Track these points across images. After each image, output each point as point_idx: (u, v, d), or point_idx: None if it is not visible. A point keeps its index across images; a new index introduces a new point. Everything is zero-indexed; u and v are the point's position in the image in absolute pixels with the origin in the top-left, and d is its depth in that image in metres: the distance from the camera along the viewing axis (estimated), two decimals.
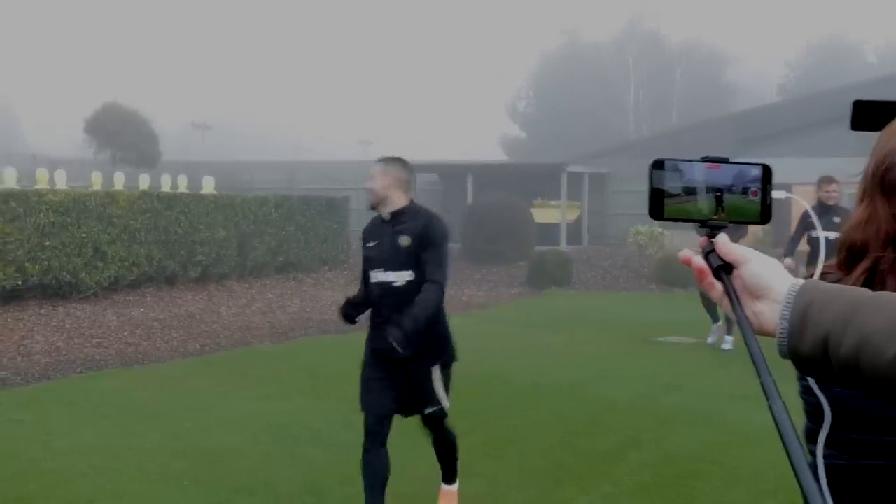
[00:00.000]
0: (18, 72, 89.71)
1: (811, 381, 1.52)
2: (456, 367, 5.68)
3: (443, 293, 5.38)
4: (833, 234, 9.62)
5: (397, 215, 5.42)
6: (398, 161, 5.58)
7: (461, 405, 9.19)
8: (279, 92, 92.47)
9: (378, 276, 5.43)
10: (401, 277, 5.34)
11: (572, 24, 61.28)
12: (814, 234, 10.60)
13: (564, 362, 11.85)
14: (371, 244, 5.53)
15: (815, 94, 34.81)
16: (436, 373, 5.46)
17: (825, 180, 10.82)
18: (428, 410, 5.48)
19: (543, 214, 28.93)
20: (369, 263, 5.52)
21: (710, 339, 13.05)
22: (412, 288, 5.31)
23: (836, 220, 10.23)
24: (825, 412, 1.51)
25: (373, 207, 5.57)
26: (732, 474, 6.82)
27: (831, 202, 10.73)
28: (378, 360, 5.46)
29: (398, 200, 5.45)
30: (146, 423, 8.35)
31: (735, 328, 12.20)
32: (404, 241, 5.30)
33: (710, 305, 12.53)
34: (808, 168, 28.50)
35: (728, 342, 12.56)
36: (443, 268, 5.35)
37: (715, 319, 12.97)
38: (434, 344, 5.47)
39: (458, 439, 5.97)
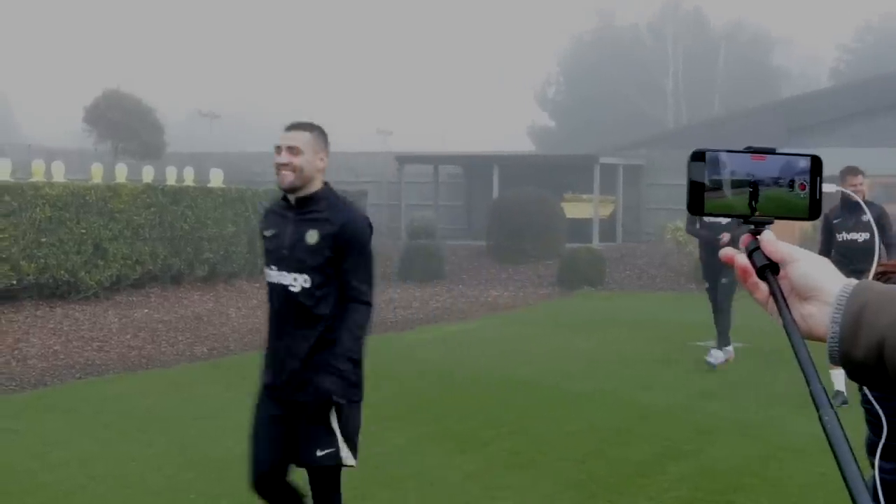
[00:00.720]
0: (12, 57, 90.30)
1: (867, 390, 1.51)
2: (480, 374, 5.61)
3: (371, 316, 4.51)
4: (863, 235, 9.29)
5: (307, 201, 4.55)
6: (320, 128, 4.69)
7: (487, 413, 9.22)
8: (291, 78, 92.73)
9: (272, 275, 4.57)
10: (298, 282, 4.44)
11: (606, 4, 61.04)
12: (840, 237, 9.65)
13: (597, 367, 11.83)
14: (270, 233, 4.71)
15: (870, 79, 34.59)
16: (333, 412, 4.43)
17: (850, 172, 9.90)
18: (319, 453, 4.45)
19: (575, 209, 28.85)
20: (267, 257, 4.69)
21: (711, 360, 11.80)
22: (310, 299, 4.41)
23: (865, 218, 9.24)
24: (882, 422, 1.50)
25: (290, 190, 4.57)
26: (778, 489, 6.79)
27: (857, 197, 9.81)
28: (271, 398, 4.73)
29: (317, 182, 4.59)
30: (150, 431, 8.40)
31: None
32: (311, 236, 4.42)
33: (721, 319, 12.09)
34: (861, 159, 28.34)
35: (715, 356, 11.75)
36: (370, 281, 4.52)
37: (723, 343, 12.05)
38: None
39: (484, 448, 5.95)
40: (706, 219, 10.58)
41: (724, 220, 10.56)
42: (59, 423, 8.77)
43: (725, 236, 10.96)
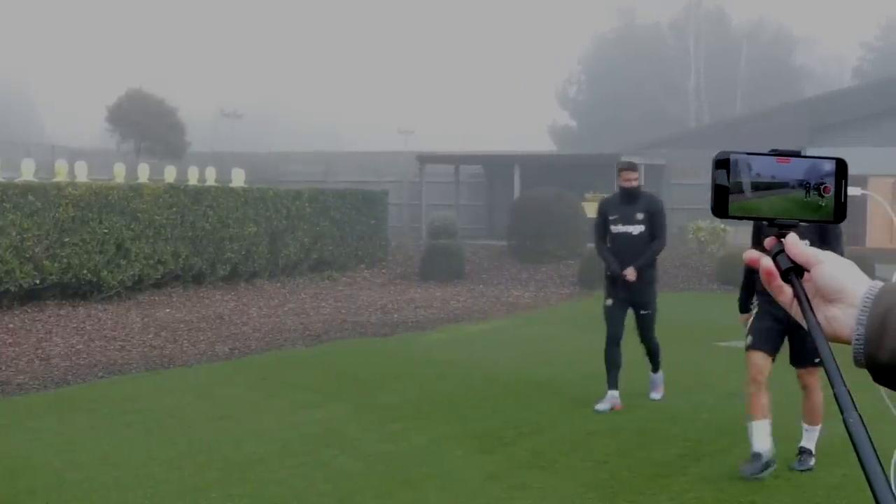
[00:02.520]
0: (35, 56, 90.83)
1: (883, 392, 1.50)
2: (501, 374, 5.59)
3: None
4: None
5: None
6: None
7: (508, 413, 9.22)
8: (313, 78, 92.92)
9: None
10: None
11: (628, 3, 60.88)
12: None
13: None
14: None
15: (893, 77, 34.40)
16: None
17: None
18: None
19: (596, 209, 28.77)
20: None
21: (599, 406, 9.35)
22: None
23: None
24: None
25: None
26: (802, 491, 6.76)
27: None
28: None
29: None
30: (172, 431, 8.44)
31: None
32: None
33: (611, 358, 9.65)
34: (885, 159, 28.21)
35: (658, 388, 9.99)
36: None
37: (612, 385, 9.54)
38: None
39: (505, 448, 5.97)
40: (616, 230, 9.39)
41: (634, 231, 9.31)
42: (83, 422, 8.81)
43: (630, 272, 9.24)
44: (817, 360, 6.52)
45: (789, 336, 7.15)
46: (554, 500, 6.59)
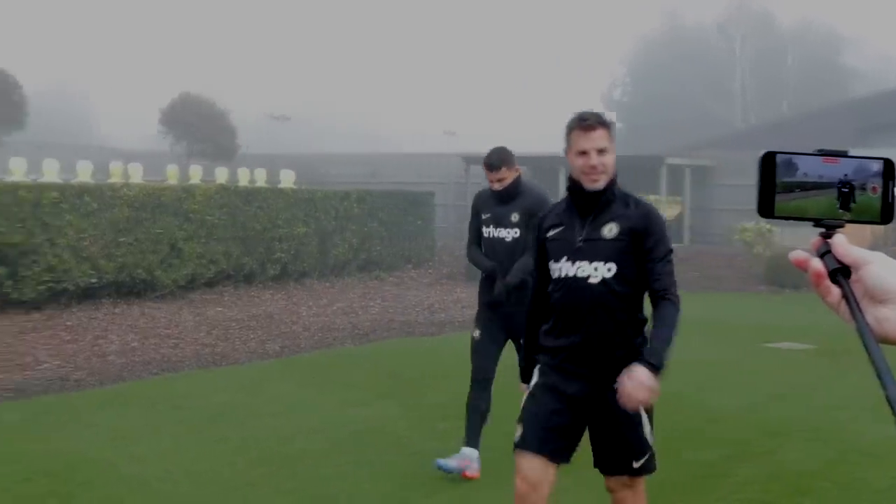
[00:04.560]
0: (89, 62, 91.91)
1: None
2: None
3: None
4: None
5: None
6: None
7: None
8: (358, 82, 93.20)
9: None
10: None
11: (674, 5, 60.47)
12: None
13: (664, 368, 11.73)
14: None
15: None
16: None
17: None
18: None
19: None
20: None
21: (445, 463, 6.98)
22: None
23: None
24: None
25: None
26: (849, 493, 6.69)
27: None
28: None
29: None
30: (224, 427, 8.51)
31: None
32: None
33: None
34: None
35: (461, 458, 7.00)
36: None
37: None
38: None
39: None
40: (494, 233, 6.84)
41: (508, 238, 6.76)
42: (137, 418, 8.92)
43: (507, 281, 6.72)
44: (637, 465, 4.50)
45: (589, 427, 4.51)
46: (598, 499, 6.57)
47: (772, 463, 7.46)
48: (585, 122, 4.35)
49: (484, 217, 6.91)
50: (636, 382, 4.21)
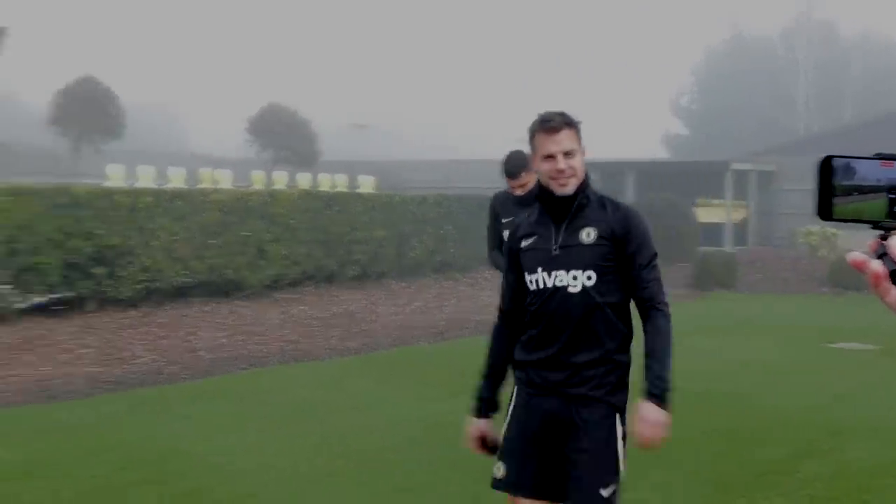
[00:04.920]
0: (184, 75, 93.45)
1: None
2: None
3: None
4: None
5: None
6: None
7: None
8: (438, 91, 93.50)
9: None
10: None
11: (738, 16, 59.73)
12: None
13: (731, 369, 11.59)
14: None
15: None
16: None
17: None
18: None
19: (707, 214, 28.35)
20: None
21: None
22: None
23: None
24: None
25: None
26: None
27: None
28: None
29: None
30: (307, 421, 8.58)
31: None
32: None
33: None
34: None
35: None
36: None
37: None
38: None
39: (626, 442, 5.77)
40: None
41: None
42: (226, 411, 9.04)
43: None
44: (606, 494, 3.70)
45: (567, 453, 3.77)
46: (670, 495, 6.52)
47: (836, 461, 7.33)
48: (549, 124, 3.82)
49: (504, 221, 6.40)
50: (651, 425, 3.79)
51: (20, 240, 14.18)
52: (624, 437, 3.86)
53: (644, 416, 3.77)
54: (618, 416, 3.87)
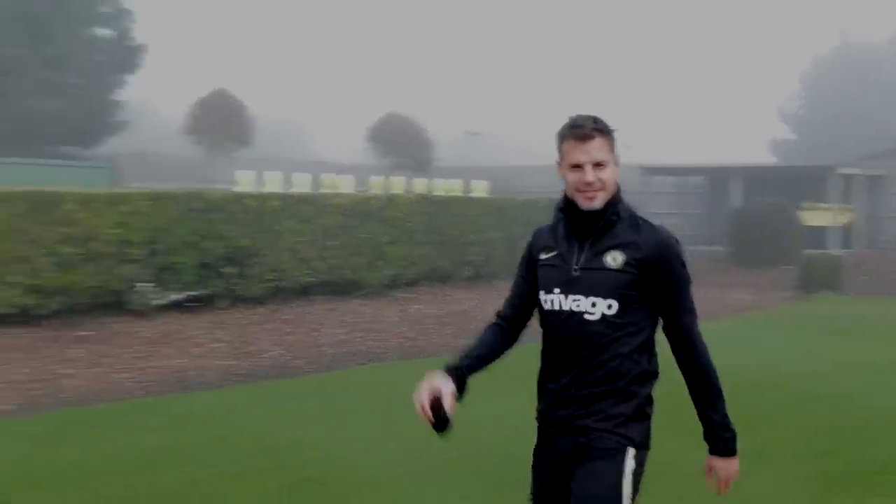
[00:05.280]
0: (307, 87, 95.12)
1: None
2: (724, 369, 4.43)
3: None
4: None
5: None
6: None
7: (731, 409, 8.91)
8: (547, 100, 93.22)
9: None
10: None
11: (847, 22, 58.01)
12: None
13: (837, 369, 11.25)
14: None
15: None
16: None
17: None
18: None
19: (813, 217, 27.61)
20: None
21: None
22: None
23: None
24: None
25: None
26: None
27: None
28: None
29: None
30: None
31: None
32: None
33: None
34: None
35: None
36: None
37: None
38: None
39: (744, 439, 5.61)
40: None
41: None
42: (347, 403, 9.13)
43: None
44: None
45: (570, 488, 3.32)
46: (772, 492, 6.36)
47: None
48: (580, 131, 3.29)
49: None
50: (728, 477, 3.50)
51: (159, 241, 14.60)
52: (635, 474, 3.29)
53: (718, 472, 3.46)
54: (630, 450, 3.28)
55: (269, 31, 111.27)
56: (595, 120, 3.32)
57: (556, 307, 3.34)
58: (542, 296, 3.41)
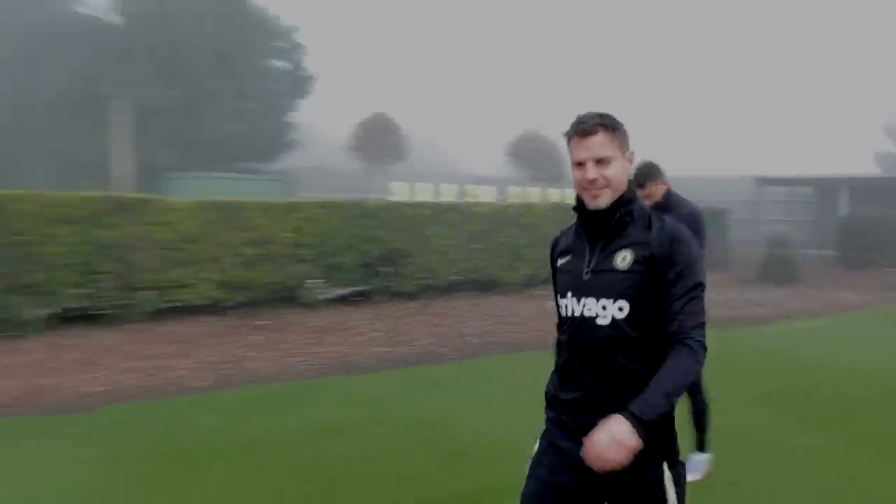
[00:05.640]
0: (455, 106, 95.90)
1: None
2: (828, 362, 4.22)
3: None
4: None
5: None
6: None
7: (831, 397, 8.60)
8: (660, 116, 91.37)
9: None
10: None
11: None
12: None
13: None
14: None
15: None
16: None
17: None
18: None
19: None
20: None
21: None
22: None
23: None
24: None
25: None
26: None
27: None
28: None
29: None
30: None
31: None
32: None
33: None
34: None
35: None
36: None
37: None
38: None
39: (828, 428, 5.48)
40: None
41: None
42: (487, 388, 9.18)
43: None
44: None
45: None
46: (831, 458, 6.13)
47: None
48: (581, 126, 2.87)
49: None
50: (609, 439, 2.61)
51: (327, 243, 15.02)
52: (677, 483, 2.84)
53: (608, 428, 2.64)
54: (665, 465, 2.83)
55: (422, 60, 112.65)
56: (601, 115, 2.90)
57: (570, 312, 2.94)
58: (559, 300, 3.04)
